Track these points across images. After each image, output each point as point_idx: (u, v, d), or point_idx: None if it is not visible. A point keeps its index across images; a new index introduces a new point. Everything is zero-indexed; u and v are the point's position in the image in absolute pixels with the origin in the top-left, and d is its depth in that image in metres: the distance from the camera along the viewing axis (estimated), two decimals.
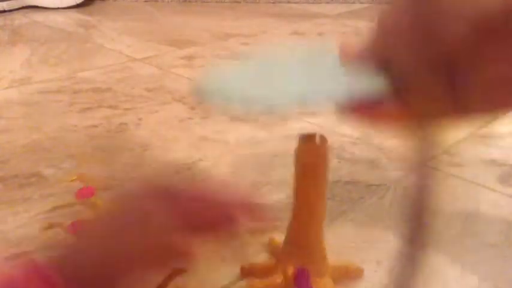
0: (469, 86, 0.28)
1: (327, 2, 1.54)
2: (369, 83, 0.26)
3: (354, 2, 1.54)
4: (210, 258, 0.46)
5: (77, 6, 1.47)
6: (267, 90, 0.26)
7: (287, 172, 0.60)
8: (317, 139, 0.38)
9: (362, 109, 0.29)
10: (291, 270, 0.41)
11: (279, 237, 0.46)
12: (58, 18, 1.37)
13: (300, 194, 0.39)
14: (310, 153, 0.38)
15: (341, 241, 0.49)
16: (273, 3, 1.54)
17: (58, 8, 1.45)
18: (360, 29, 1.26)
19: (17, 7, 1.43)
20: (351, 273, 0.44)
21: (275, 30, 1.26)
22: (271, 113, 0.26)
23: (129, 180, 0.58)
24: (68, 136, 0.69)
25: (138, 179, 0.54)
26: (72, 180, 0.45)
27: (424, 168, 0.31)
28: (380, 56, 0.28)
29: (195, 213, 0.34)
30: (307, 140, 0.38)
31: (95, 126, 0.72)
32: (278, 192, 0.57)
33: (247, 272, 0.44)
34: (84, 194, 0.43)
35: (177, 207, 0.33)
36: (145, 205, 0.33)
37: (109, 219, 0.33)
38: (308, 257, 0.41)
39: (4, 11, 1.41)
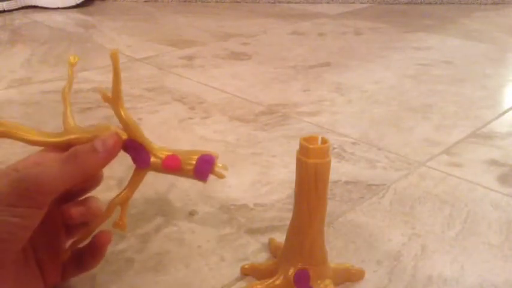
0: None
1: (327, 2, 1.54)
2: None
3: (354, 2, 1.54)
4: (209, 258, 0.46)
5: (77, 6, 1.47)
6: None
7: (287, 172, 0.61)
8: (319, 140, 0.38)
9: None
10: (291, 271, 0.41)
11: (280, 238, 0.46)
12: (58, 18, 1.37)
13: (301, 195, 0.39)
14: (312, 154, 0.37)
15: (341, 241, 0.49)
16: (272, 3, 1.54)
17: (58, 8, 1.45)
18: (360, 29, 1.26)
19: (16, 7, 1.43)
20: (352, 275, 0.44)
21: (275, 30, 1.26)
22: None
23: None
24: None
25: None
26: None
27: None
28: None
29: None
30: (309, 141, 0.38)
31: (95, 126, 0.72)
32: (278, 192, 0.57)
33: (248, 273, 0.44)
34: None
35: None
36: None
37: None
38: (308, 258, 0.41)
39: (4, 11, 1.41)
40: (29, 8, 1.45)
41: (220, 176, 0.40)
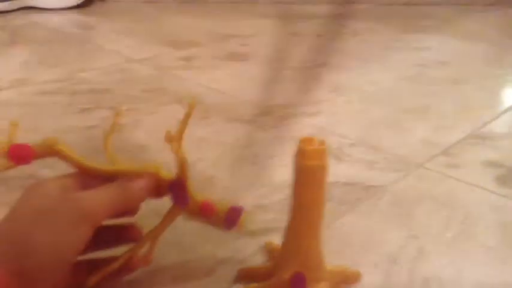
0: None
1: (326, 3, 1.54)
2: None
3: (353, 3, 1.54)
4: (206, 260, 0.46)
5: (77, 7, 1.46)
6: None
7: (286, 173, 0.60)
8: (316, 142, 0.38)
9: None
10: (287, 275, 0.41)
11: (278, 240, 0.45)
12: (57, 19, 1.37)
13: (298, 198, 0.39)
14: (309, 156, 0.37)
15: (338, 243, 0.49)
16: (271, 4, 1.54)
17: (57, 9, 1.45)
18: (359, 29, 1.26)
19: (16, 8, 1.43)
20: (349, 277, 0.44)
21: (274, 30, 1.26)
22: None
23: None
24: (65, 137, 0.68)
25: None
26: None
27: None
28: None
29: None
30: (307, 143, 0.38)
31: (93, 127, 0.72)
32: (277, 193, 0.57)
33: (244, 275, 0.44)
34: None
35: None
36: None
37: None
38: (305, 261, 0.40)
39: (3, 12, 1.40)
40: (28, 9, 1.45)
41: (242, 228, 0.43)
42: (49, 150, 0.39)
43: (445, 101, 0.83)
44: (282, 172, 0.61)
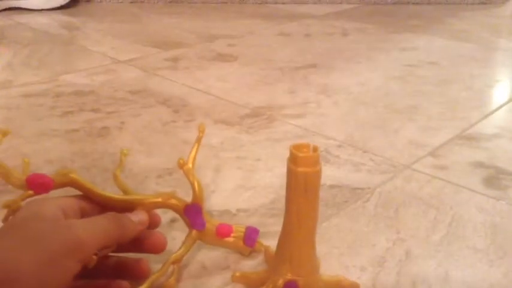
0: None
1: (314, 3, 1.53)
2: None
3: (341, 3, 1.53)
4: (190, 266, 0.45)
5: (61, 7, 1.45)
6: None
7: (271, 176, 0.60)
8: (310, 148, 0.37)
9: None
10: (280, 282, 0.40)
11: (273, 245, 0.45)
12: (42, 20, 1.35)
13: (291, 204, 0.38)
14: (302, 163, 0.37)
15: (325, 247, 0.48)
16: (259, 4, 1.53)
17: (42, 10, 1.43)
18: (347, 29, 1.26)
19: (0, 9, 1.41)
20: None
21: (262, 31, 1.26)
22: None
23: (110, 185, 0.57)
24: (48, 141, 0.68)
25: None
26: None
27: None
28: None
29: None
30: (299, 149, 0.37)
31: (76, 130, 0.71)
32: (262, 197, 0.56)
33: (238, 281, 0.43)
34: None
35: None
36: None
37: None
38: (298, 268, 0.40)
39: None
40: (12, 10, 1.43)
41: (261, 248, 0.46)
42: (65, 180, 0.40)
43: (433, 102, 0.82)
44: (268, 175, 0.60)
